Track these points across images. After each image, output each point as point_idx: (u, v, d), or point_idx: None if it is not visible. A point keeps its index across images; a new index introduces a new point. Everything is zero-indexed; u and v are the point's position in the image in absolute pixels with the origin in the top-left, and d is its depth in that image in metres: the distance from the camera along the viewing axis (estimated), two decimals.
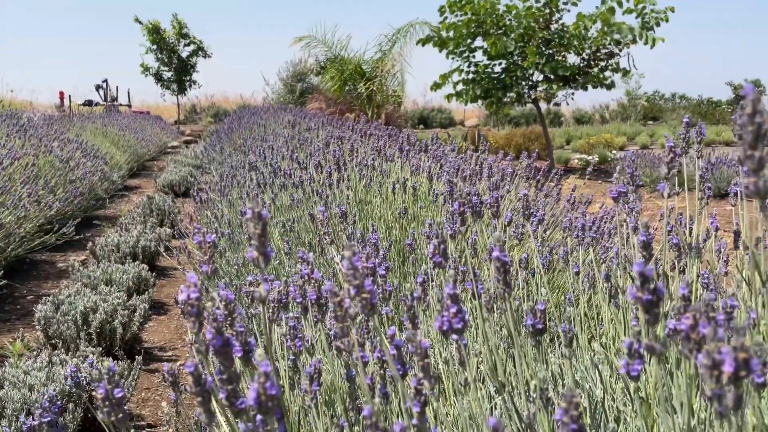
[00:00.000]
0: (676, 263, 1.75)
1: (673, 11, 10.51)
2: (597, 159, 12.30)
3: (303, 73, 18.74)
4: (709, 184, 1.73)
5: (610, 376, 1.65)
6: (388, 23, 35.00)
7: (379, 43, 13.96)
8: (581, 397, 1.59)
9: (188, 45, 20.50)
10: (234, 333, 0.99)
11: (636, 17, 10.49)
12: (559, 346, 1.47)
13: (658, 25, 10.42)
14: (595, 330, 2.08)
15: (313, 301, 1.14)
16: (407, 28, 13.42)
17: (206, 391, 0.85)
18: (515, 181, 4.10)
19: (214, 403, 0.96)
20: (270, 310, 1.34)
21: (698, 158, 1.73)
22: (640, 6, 10.40)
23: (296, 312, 1.45)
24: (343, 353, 1.09)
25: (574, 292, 2.14)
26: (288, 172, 3.69)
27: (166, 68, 20.47)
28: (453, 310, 0.89)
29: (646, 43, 10.36)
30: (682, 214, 2.16)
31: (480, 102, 11.82)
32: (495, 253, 0.95)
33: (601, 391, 1.56)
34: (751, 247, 1.15)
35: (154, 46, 20.17)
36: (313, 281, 1.15)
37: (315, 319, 1.23)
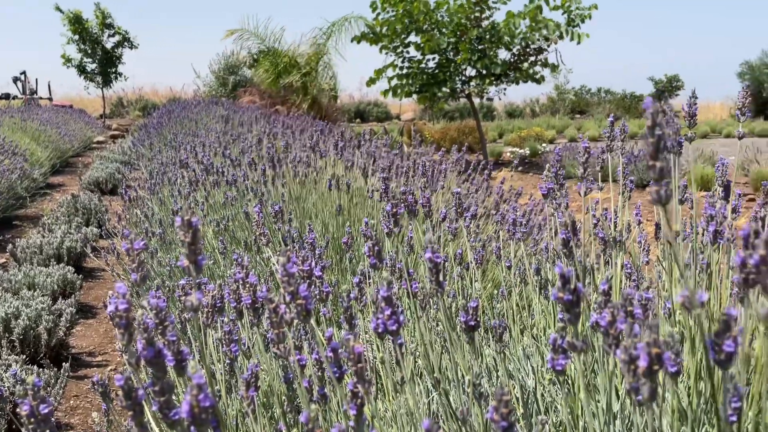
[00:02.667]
0: (602, 255, 1.83)
1: (596, 8, 10.95)
2: (528, 152, 12.67)
3: (235, 65, 18.35)
4: (632, 177, 1.83)
5: (542, 366, 1.72)
6: (323, 16, 34.76)
7: (314, 36, 13.85)
8: (514, 388, 1.65)
9: (113, 35, 19.65)
10: (166, 342, 0.97)
11: (562, 14, 10.88)
12: (493, 339, 1.52)
13: (582, 21, 10.85)
14: (528, 321, 2.15)
15: (249, 306, 1.14)
16: (342, 22, 13.38)
17: (138, 404, 0.83)
18: (448, 176, 4.17)
19: (148, 413, 0.94)
20: (204, 316, 1.32)
21: (620, 155, 1.82)
22: (566, 4, 10.78)
23: (232, 315, 1.44)
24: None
25: (506, 285, 2.21)
26: (221, 170, 3.62)
27: (90, 60, 19.55)
28: (387, 312, 0.90)
29: (572, 39, 10.76)
30: (607, 209, 2.26)
31: (415, 97, 11.97)
32: (427, 255, 0.97)
33: (533, 381, 1.62)
34: (668, 240, 1.23)
35: (76, 37, 19.22)
36: (248, 285, 1.14)
37: (251, 323, 1.22)
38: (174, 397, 0.83)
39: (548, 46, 11.27)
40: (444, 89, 11.54)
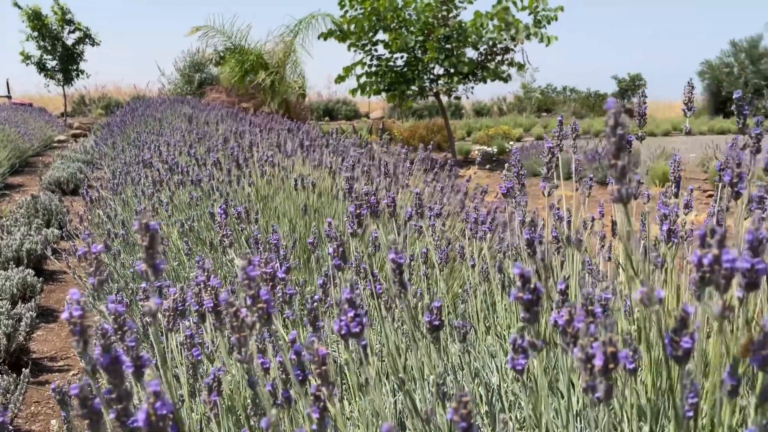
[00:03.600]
0: (560, 253, 1.86)
1: (562, 10, 11.12)
2: (496, 150, 12.79)
3: (201, 63, 18.09)
4: (591, 175, 1.87)
5: (506, 364, 1.74)
6: (290, 14, 34.43)
7: (281, 34, 13.74)
8: (479, 386, 1.66)
9: (73, 32, 19.15)
10: (125, 348, 0.96)
11: (529, 14, 11.01)
12: (457, 339, 1.53)
13: (549, 22, 11.01)
14: (492, 319, 2.17)
15: (210, 309, 1.12)
16: (309, 19, 13.30)
17: (95, 413, 0.81)
18: (415, 174, 4.18)
19: (107, 421, 0.92)
20: (166, 319, 1.30)
21: (573, 153, 1.85)
22: (533, 5, 10.92)
23: (196, 319, 1.42)
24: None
25: (471, 284, 2.23)
26: (186, 169, 3.57)
27: (50, 57, 19.03)
28: (351, 314, 0.90)
29: (541, 41, 10.91)
30: (569, 209, 2.30)
31: (383, 95, 11.99)
32: (391, 256, 0.98)
33: (497, 379, 1.64)
34: (624, 240, 1.25)
35: (36, 33, 18.68)
36: (209, 288, 1.13)
37: (214, 327, 1.21)
38: (138, 403, 0.81)
39: (515, 46, 11.40)
40: (412, 87, 11.59)
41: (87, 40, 19.50)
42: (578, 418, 1.25)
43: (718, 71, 25.65)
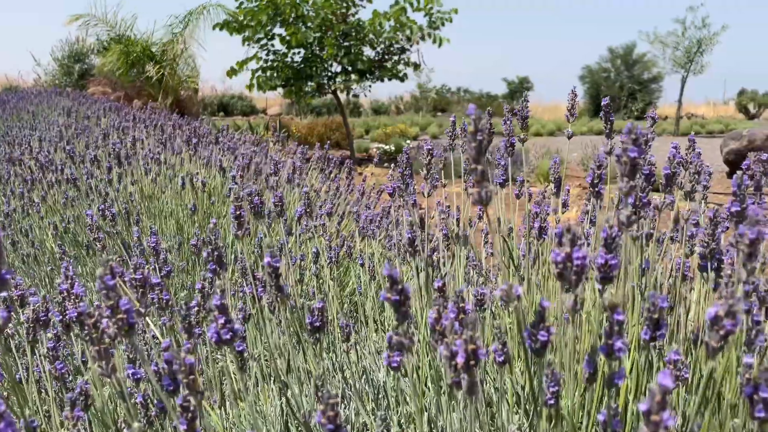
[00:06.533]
0: (447, 250, 1.92)
1: (456, 12, 11.46)
2: (393, 148, 12.98)
3: (82, 53, 16.93)
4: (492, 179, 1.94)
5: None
6: (180, 3, 32.89)
7: (170, 24, 13.14)
8: (367, 384, 1.67)
9: None
10: None
11: (424, 15, 11.26)
12: (341, 339, 1.54)
13: (443, 24, 11.31)
14: (381, 317, 2.20)
15: (74, 320, 1.05)
16: (200, 10, 12.83)
17: None
18: (311, 173, 4.15)
19: None
20: (27, 331, 1.20)
21: (462, 153, 1.91)
22: (428, 6, 11.17)
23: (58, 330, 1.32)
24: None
25: (362, 283, 2.25)
26: (61, 167, 3.32)
27: None
28: (221, 321, 0.87)
29: (434, 42, 11.19)
30: (459, 209, 2.37)
31: (281, 91, 11.81)
32: (266, 260, 0.96)
33: (383, 376, 1.66)
34: (501, 236, 1.31)
35: None
36: (73, 297, 1.05)
37: (79, 337, 1.13)
38: None
39: (411, 46, 11.61)
40: (310, 84, 11.51)
41: None
42: (457, 411, 1.29)
43: (597, 76, 27.56)
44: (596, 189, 1.19)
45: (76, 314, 1.03)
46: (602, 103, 1.57)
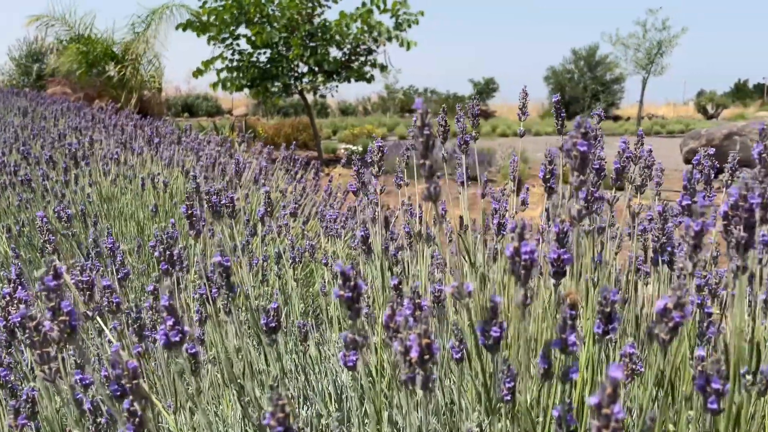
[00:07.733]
0: (411, 249, 1.91)
1: (423, 15, 11.50)
2: (361, 149, 12.97)
3: (41, 53, 16.50)
4: (440, 173, 1.95)
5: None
6: (141, 3, 32.14)
7: (132, 24, 12.89)
8: (329, 384, 1.66)
9: None
10: None
11: (391, 17, 11.26)
12: (299, 339, 1.52)
13: (410, 26, 11.32)
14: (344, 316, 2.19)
15: (18, 325, 1.01)
16: (163, 10, 12.61)
17: None
18: (277, 173, 4.12)
19: None
20: None
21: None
22: (396, 8, 11.19)
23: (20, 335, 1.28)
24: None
25: (327, 282, 2.23)
26: (15, 169, 3.22)
27: None
28: (170, 322, 0.85)
29: (401, 45, 11.20)
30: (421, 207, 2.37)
31: (247, 91, 11.68)
32: (216, 258, 0.94)
33: (346, 377, 1.64)
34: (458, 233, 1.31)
35: None
36: (16, 301, 1.01)
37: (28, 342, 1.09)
38: None
39: (377, 47, 11.61)
40: (277, 84, 11.41)
41: None
42: (418, 409, 1.29)
43: (561, 77, 27.99)
44: (548, 184, 1.20)
45: (19, 319, 0.99)
46: (553, 100, 1.58)
